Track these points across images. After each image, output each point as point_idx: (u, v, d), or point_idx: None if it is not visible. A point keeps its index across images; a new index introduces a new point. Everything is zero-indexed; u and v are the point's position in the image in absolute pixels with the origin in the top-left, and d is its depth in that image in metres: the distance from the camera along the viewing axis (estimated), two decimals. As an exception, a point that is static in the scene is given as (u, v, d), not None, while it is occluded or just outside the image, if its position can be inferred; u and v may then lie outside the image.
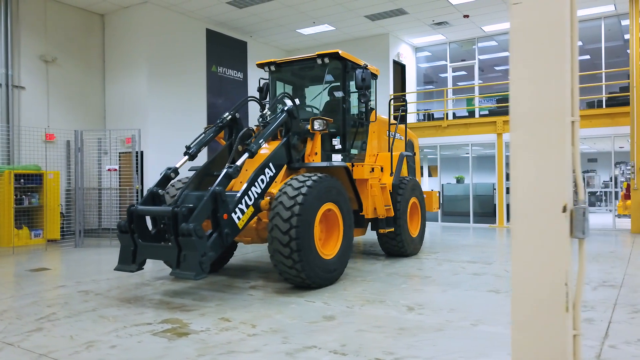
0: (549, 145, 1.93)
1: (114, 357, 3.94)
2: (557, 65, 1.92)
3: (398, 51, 17.09)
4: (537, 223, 1.97)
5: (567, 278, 1.90)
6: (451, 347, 4.14)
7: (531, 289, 1.98)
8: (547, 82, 1.94)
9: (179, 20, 14.19)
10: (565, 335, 1.91)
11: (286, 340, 4.32)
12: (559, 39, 1.92)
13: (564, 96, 1.91)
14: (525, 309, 1.99)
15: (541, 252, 1.96)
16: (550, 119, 1.93)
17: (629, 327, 4.60)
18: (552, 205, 1.92)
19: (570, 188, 1.95)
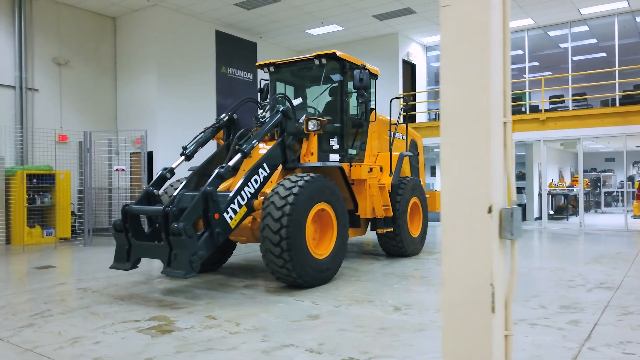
0: (474, 147, 1.94)
1: (95, 353, 4.05)
2: (485, 67, 1.93)
3: (408, 50, 17.02)
4: (463, 223, 1.98)
5: (492, 278, 1.91)
6: (428, 347, 4.14)
7: (458, 289, 1.99)
8: (475, 84, 1.95)
9: (189, 22, 14.38)
10: (491, 335, 1.91)
11: (266, 339, 4.37)
12: (488, 41, 1.92)
13: (489, 98, 1.92)
14: (454, 309, 2.00)
15: (467, 253, 1.97)
16: (476, 121, 1.94)
17: (614, 329, 4.54)
18: (478, 205, 1.93)
19: (498, 189, 1.96)
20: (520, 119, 14.17)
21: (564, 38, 16.22)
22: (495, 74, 1.97)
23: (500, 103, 2.03)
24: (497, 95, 2.00)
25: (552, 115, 13.73)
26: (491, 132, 1.92)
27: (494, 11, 1.97)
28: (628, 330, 4.50)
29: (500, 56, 2.04)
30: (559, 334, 4.39)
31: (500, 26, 2.03)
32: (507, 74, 2.06)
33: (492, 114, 1.92)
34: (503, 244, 2.00)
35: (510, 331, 2.04)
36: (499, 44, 2.02)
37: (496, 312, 1.93)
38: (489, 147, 1.92)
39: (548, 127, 13.68)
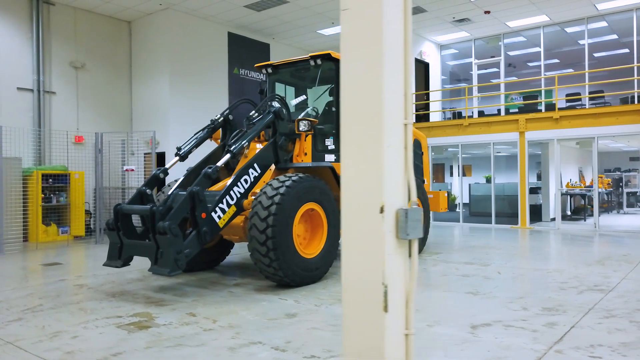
0: (368, 148, 1.97)
1: (69, 347, 4.21)
2: (378, 70, 1.96)
3: (421, 49, 16.90)
4: (358, 223, 2.01)
5: (384, 278, 1.94)
6: (393, 347, 4.15)
7: (354, 288, 2.02)
8: (369, 86, 1.98)
9: (201, 24, 14.61)
10: (384, 334, 1.94)
11: (237, 336, 4.46)
12: (381, 44, 1.95)
13: (380, 100, 1.94)
14: (351, 308, 2.04)
15: (361, 252, 2.00)
16: (369, 122, 1.97)
17: (589, 332, 4.46)
18: (370, 206, 1.95)
19: (392, 189, 1.98)
20: (534, 117, 13.91)
21: (583, 34, 15.83)
22: (391, 77, 1.99)
23: (401, 105, 2.06)
24: (396, 97, 2.02)
25: (566, 114, 13.43)
26: (383, 134, 1.95)
27: (390, 16, 1.99)
28: (604, 333, 4.42)
29: (401, 60, 2.06)
30: (531, 336, 4.34)
31: (402, 30, 2.06)
32: (408, 76, 2.08)
33: (383, 115, 1.95)
34: (401, 243, 2.03)
35: (410, 330, 2.06)
36: (398, 47, 2.04)
37: (390, 311, 1.96)
38: (381, 148, 1.95)
39: (562, 125, 13.39)
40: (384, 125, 1.95)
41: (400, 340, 2.03)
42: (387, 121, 1.96)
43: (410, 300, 2.07)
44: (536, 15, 14.78)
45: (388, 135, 1.96)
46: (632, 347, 4.05)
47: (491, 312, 5.19)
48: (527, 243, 10.97)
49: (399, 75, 2.04)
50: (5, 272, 7.87)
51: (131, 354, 4.02)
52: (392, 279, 1.97)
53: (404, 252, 2.04)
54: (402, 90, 2.05)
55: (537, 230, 13.43)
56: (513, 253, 9.31)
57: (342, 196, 2.06)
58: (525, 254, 9.28)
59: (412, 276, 2.07)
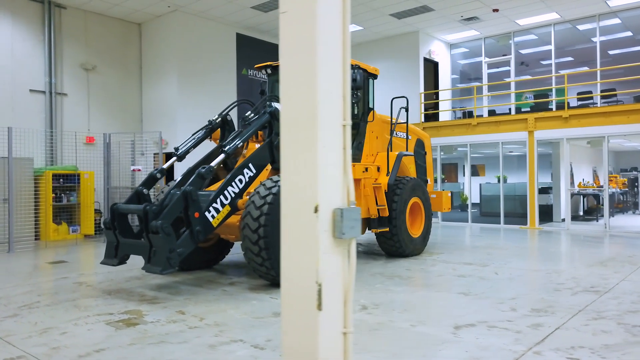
0: (303, 148, 2.00)
1: (56, 343, 4.32)
2: (312, 72, 1.98)
3: (429, 49, 16.80)
4: (295, 223, 2.04)
5: (318, 277, 1.96)
6: (372, 346, 4.17)
7: (291, 287, 2.06)
8: (305, 88, 2.01)
9: (209, 26, 14.75)
10: (318, 333, 1.97)
11: (220, 334, 4.52)
12: (315, 47, 1.98)
13: (315, 102, 1.97)
14: (289, 306, 2.07)
15: (298, 251, 2.03)
16: (305, 124, 2.00)
17: (574, 333, 4.41)
18: (306, 205, 1.98)
19: (328, 189, 2.01)
20: (543, 116, 13.74)
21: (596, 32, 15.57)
22: (327, 79, 2.02)
23: (339, 107, 2.08)
24: (333, 99, 2.05)
25: (575, 113, 13.23)
26: (317, 135, 1.98)
27: (327, 20, 2.02)
28: (588, 335, 4.37)
29: (340, 63, 2.08)
30: (513, 337, 4.31)
31: (340, 34, 2.08)
32: (347, 79, 2.10)
33: (318, 117, 1.98)
34: (339, 243, 2.05)
35: (348, 329, 2.09)
36: (336, 51, 2.07)
37: (325, 309, 1.99)
38: (316, 149, 1.98)
39: (571, 124, 13.19)
40: (318, 126, 1.97)
41: (338, 339, 2.06)
42: (323, 123, 1.99)
43: (348, 299, 2.09)
44: (546, 12, 14.58)
45: (323, 137, 1.99)
46: (614, 349, 4.00)
47: (479, 312, 5.16)
48: (533, 244, 10.85)
49: (336, 77, 2.06)
50: (12, 270, 8.07)
51: (113, 350, 4.11)
52: (327, 277, 2.00)
53: (342, 252, 2.07)
54: (340, 93, 2.08)
55: (546, 231, 13.26)
56: (515, 254, 9.22)
57: (281, 196, 2.10)
58: (528, 254, 9.18)
59: (350, 275, 2.09)
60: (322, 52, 1.99)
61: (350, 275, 2.10)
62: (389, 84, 16.93)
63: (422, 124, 15.88)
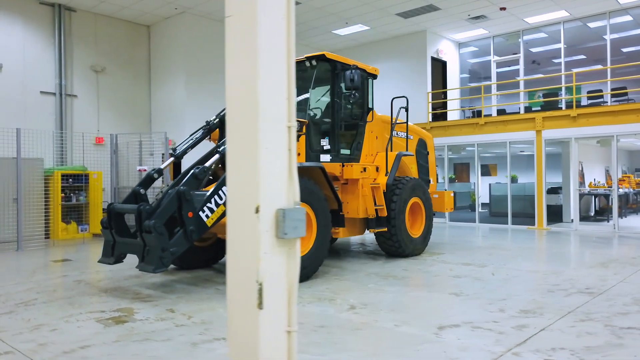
0: (245, 150, 2.04)
1: (44, 339, 4.43)
2: (254, 74, 2.02)
3: (437, 48, 16.71)
4: (239, 222, 2.07)
5: (259, 276, 2.00)
6: (351, 346, 4.19)
7: (235, 286, 2.09)
8: (247, 90, 2.04)
9: (216, 27, 14.87)
10: (258, 331, 2.00)
11: (204, 332, 4.58)
12: (256, 50, 2.01)
13: (257, 104, 2.00)
14: (234, 306, 2.10)
15: (240, 251, 2.07)
16: (247, 125, 2.04)
17: (558, 335, 4.38)
18: (248, 206, 2.02)
19: (270, 190, 2.04)
20: (550, 115, 13.57)
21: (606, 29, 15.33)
22: (270, 81, 2.05)
23: (284, 108, 2.12)
24: (276, 101, 2.08)
25: (583, 112, 13.04)
26: (259, 137, 2.01)
27: (269, 23, 2.05)
28: (572, 337, 4.33)
29: (284, 65, 2.12)
30: (495, 338, 4.30)
31: (285, 36, 2.11)
32: (291, 81, 2.14)
33: (259, 119, 2.01)
34: (282, 242, 2.08)
35: (292, 327, 2.12)
36: (280, 53, 2.10)
37: (266, 308, 2.02)
38: (257, 150, 2.01)
39: (580, 124, 13.01)
40: (259, 128, 2.01)
41: (281, 337, 2.09)
42: (264, 124, 2.03)
43: (292, 297, 2.12)
44: (555, 10, 14.40)
45: (265, 138, 2.03)
46: (595, 350, 3.97)
47: (466, 313, 5.15)
48: (537, 244, 10.73)
49: (280, 79, 2.09)
50: (18, 267, 8.26)
51: (98, 347, 4.20)
52: (269, 277, 2.03)
53: (286, 251, 2.10)
54: (285, 95, 2.11)
55: (554, 232, 13.10)
56: (516, 254, 9.14)
57: (227, 196, 2.14)
58: (529, 255, 9.09)
59: (293, 275, 2.12)
60: (264, 55, 2.03)
61: (294, 275, 2.13)
62: (396, 84, 16.90)
63: (429, 124, 15.81)
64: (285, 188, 2.10)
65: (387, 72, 17.18)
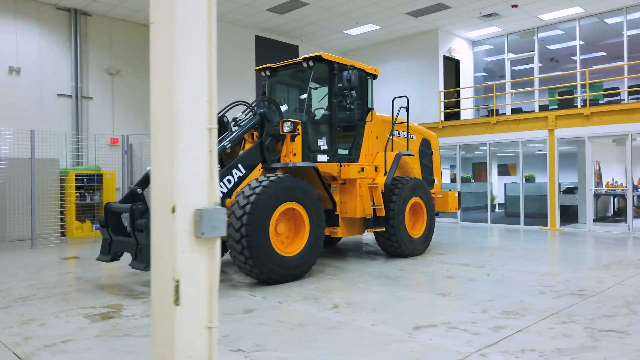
0: (164, 151, 2.12)
1: (31, 333, 4.61)
2: (171, 78, 2.09)
3: (450, 46, 16.56)
4: (159, 222, 2.16)
5: (175, 274, 2.07)
6: (322, 344, 4.24)
7: (156, 284, 2.18)
8: (166, 94, 2.12)
9: (228, 28, 15.08)
10: (174, 326, 2.08)
11: (184, 328, 4.69)
12: (174, 54, 2.09)
13: (173, 107, 2.08)
14: (155, 303, 2.19)
15: (161, 249, 2.14)
16: (166, 128, 2.11)
17: (532, 337, 4.33)
18: (165, 206, 2.10)
19: (189, 190, 2.11)
20: (563, 114, 13.31)
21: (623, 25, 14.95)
22: (189, 85, 2.13)
23: (205, 111, 2.19)
24: (196, 104, 2.16)
25: (597, 110, 12.75)
26: (176, 139, 2.09)
27: (188, 29, 2.13)
28: (547, 339, 4.28)
29: (205, 69, 2.19)
30: (467, 339, 4.28)
31: (205, 41, 2.19)
32: (213, 84, 2.20)
33: (176, 121, 2.09)
34: (202, 241, 2.16)
35: (213, 323, 2.19)
36: (200, 58, 2.17)
37: (183, 304, 2.10)
38: (174, 152, 2.09)
39: (593, 122, 12.73)
40: (176, 130, 2.09)
41: (201, 333, 2.16)
42: (182, 127, 2.10)
43: (213, 294, 2.19)
44: (569, 7, 14.11)
45: (182, 140, 2.10)
46: (565, 353, 3.92)
47: (447, 313, 5.14)
48: (544, 245, 10.55)
49: (201, 83, 2.17)
50: (26, 264, 8.55)
51: (78, 341, 4.35)
52: (186, 274, 2.10)
53: (206, 250, 2.17)
54: (206, 98, 2.18)
55: (566, 233, 12.85)
56: (519, 255, 9.02)
57: (151, 196, 2.22)
58: (532, 256, 8.95)
59: (213, 273, 2.19)
60: (182, 60, 2.10)
61: (214, 273, 2.20)
62: (407, 83, 16.83)
63: (441, 123, 15.69)
64: (205, 189, 2.17)
65: (398, 71, 17.12)
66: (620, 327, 4.58)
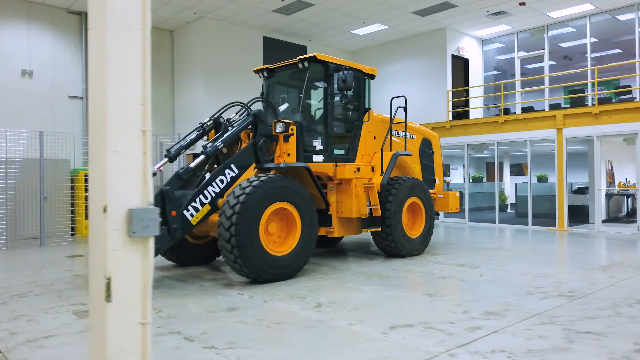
0: (97, 152, 2.19)
1: (18, 328, 4.76)
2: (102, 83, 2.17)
3: (458, 45, 16.43)
4: (94, 221, 2.23)
5: (106, 271, 2.15)
6: (295, 342, 4.29)
7: (92, 282, 2.25)
8: (97, 98, 2.20)
9: (236, 30, 15.22)
10: (105, 322, 2.15)
11: (164, 325, 4.80)
12: (104, 60, 2.17)
13: (104, 110, 2.16)
14: (92, 300, 2.26)
15: (95, 248, 2.22)
16: (99, 130, 2.19)
17: (507, 337, 4.31)
18: (98, 206, 2.18)
19: (121, 191, 2.19)
20: (571, 113, 13.11)
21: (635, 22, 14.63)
22: (122, 88, 2.20)
23: (139, 114, 2.26)
24: (129, 107, 2.23)
25: (606, 108, 12.52)
26: (107, 140, 2.16)
27: (122, 34, 2.20)
28: (521, 340, 4.26)
29: (140, 73, 2.26)
30: (440, 339, 4.29)
31: (140, 46, 2.26)
32: (147, 87, 2.28)
33: (107, 124, 2.16)
34: (135, 240, 2.23)
35: (146, 320, 2.26)
36: (133, 63, 2.25)
37: (114, 301, 2.17)
38: (105, 153, 2.17)
39: (602, 121, 12.51)
40: (107, 133, 2.16)
41: (133, 329, 2.23)
42: (113, 129, 2.18)
43: (146, 291, 2.26)
44: (579, 4, 13.88)
45: (114, 142, 2.18)
46: (535, 354, 3.90)
47: (427, 313, 5.14)
48: (548, 246, 10.41)
49: (134, 87, 2.24)
50: (30, 262, 8.79)
51: (60, 337, 4.49)
52: (118, 272, 2.18)
53: (139, 249, 2.24)
54: (140, 101, 2.25)
55: (574, 233, 12.65)
56: (518, 256, 8.93)
57: (89, 196, 2.30)
58: (532, 257, 8.85)
59: (147, 270, 2.26)
60: (114, 64, 2.18)
61: (148, 271, 2.26)
62: (415, 83, 16.76)
63: (449, 122, 15.59)
64: (139, 189, 2.24)
65: (407, 71, 17.06)
66: (600, 329, 4.53)
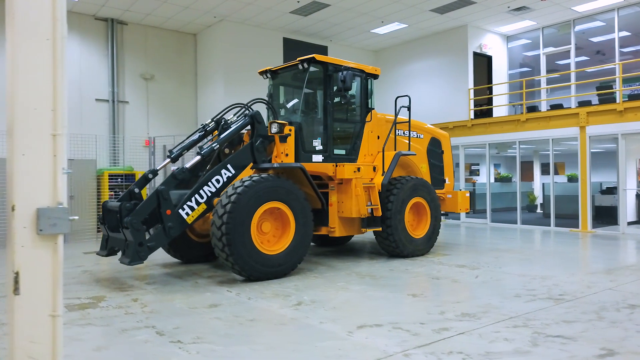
0: (8, 155, 2.35)
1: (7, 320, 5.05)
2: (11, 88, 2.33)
3: (481, 42, 16.10)
4: (6, 220, 2.40)
5: (15, 266, 2.30)
6: (260, 339, 4.39)
7: (6, 276, 2.41)
8: (11, 103, 2.35)
9: (256, 32, 15.45)
10: (14, 314, 2.31)
11: (143, 320, 4.99)
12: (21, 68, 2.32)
13: (12, 114, 2.31)
14: (6, 293, 2.43)
15: (7, 244, 2.38)
16: (9, 134, 2.35)
17: (472, 339, 4.27)
18: (9, 205, 2.34)
19: (30, 190, 2.34)
20: (595, 110, 12.64)
21: (669, 14, 13.97)
22: (32, 95, 2.36)
23: (49, 119, 2.41)
24: (38, 112, 2.38)
25: (631, 105, 12.01)
26: (15, 144, 2.32)
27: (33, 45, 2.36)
28: (484, 342, 4.21)
29: (50, 80, 2.41)
30: (402, 339, 4.29)
31: (51, 55, 2.40)
32: (59, 94, 2.42)
33: (15, 128, 2.32)
34: (45, 237, 2.38)
35: (56, 312, 2.41)
36: (44, 71, 2.39)
37: (23, 294, 2.33)
38: (13, 155, 2.32)
39: (627, 118, 12.01)
40: (15, 135, 2.32)
41: (44, 320, 2.38)
42: (22, 133, 2.33)
43: (56, 286, 2.41)
44: (604, -4, 13.38)
45: (22, 145, 2.33)
46: (493, 357, 3.85)
47: (402, 313, 5.13)
48: (563, 248, 10.09)
49: (44, 93, 2.39)
50: (49, 258, 9.24)
51: (43, 329, 4.73)
52: (26, 267, 2.33)
53: (49, 246, 2.39)
54: (50, 107, 2.40)
55: (597, 235, 12.21)
56: (523, 258, 8.71)
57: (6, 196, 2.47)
58: (539, 259, 8.61)
59: (56, 266, 2.40)
60: (23, 72, 2.34)
61: (57, 266, 2.41)
62: (436, 82, 16.55)
63: (470, 121, 15.32)
64: (48, 190, 2.39)
65: (428, 69, 16.87)
66: (572, 334, 4.41)
